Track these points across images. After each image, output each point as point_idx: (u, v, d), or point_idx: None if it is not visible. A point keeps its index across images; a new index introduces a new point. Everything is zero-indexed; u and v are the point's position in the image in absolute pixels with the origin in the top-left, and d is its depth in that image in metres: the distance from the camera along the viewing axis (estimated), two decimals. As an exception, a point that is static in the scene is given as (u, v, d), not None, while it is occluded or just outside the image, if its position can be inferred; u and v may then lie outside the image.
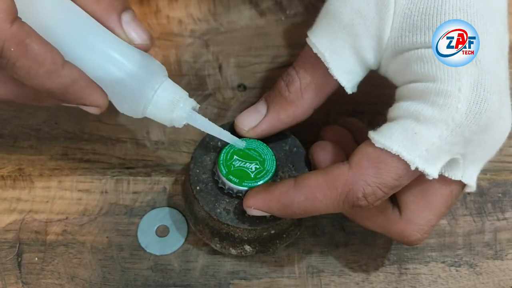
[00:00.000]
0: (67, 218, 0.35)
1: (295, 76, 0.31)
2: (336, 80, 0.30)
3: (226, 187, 0.31)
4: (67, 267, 0.33)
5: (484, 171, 0.37)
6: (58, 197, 0.35)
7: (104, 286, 0.33)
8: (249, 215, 0.30)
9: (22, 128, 0.37)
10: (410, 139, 0.26)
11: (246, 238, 0.31)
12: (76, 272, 0.33)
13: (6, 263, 0.33)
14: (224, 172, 0.30)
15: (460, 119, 0.25)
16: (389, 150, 0.26)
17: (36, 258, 0.33)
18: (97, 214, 0.35)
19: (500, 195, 0.37)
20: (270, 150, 0.32)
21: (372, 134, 0.27)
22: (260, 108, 0.32)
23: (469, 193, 0.36)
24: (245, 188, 0.30)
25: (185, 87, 0.30)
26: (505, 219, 0.36)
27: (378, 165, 0.26)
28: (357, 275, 0.34)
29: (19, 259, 0.33)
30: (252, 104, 0.32)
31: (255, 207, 0.29)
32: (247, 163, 0.31)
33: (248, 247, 0.32)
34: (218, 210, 0.31)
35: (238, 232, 0.31)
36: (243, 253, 0.32)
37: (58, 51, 0.26)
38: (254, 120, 0.31)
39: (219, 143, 0.32)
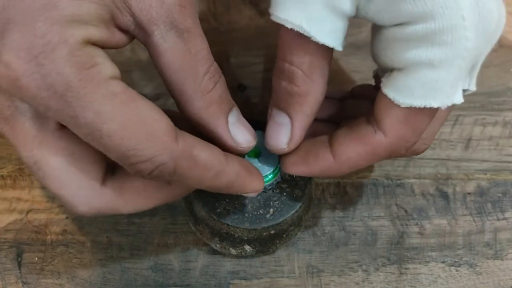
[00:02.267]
0: (67, 218, 0.35)
1: (291, 68, 0.28)
2: (325, 44, 0.27)
3: None
4: (67, 267, 0.33)
5: (484, 171, 0.37)
6: (58, 197, 0.35)
7: (104, 286, 0.33)
8: (249, 215, 0.30)
9: (22, 128, 0.37)
10: (434, 88, 0.25)
11: (246, 238, 0.31)
12: (76, 272, 0.33)
13: (6, 263, 0.33)
14: None
15: (472, 45, 0.24)
16: (417, 106, 0.25)
17: (36, 258, 0.33)
18: (97, 214, 0.35)
19: (500, 195, 0.37)
20: None
21: (391, 94, 0.26)
22: (280, 120, 0.29)
23: (469, 193, 0.37)
24: (267, 184, 0.30)
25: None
26: (505, 219, 0.36)
27: (410, 123, 0.26)
28: (357, 275, 0.34)
29: (19, 259, 0.33)
30: (252, 104, 0.32)
31: (297, 173, 0.29)
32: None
33: (248, 247, 0.32)
34: (218, 210, 0.31)
35: (238, 232, 0.31)
36: (243, 253, 0.32)
37: (219, 150, 0.26)
38: (284, 134, 0.29)
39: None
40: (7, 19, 0.21)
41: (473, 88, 0.28)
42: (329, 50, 0.28)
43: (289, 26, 0.26)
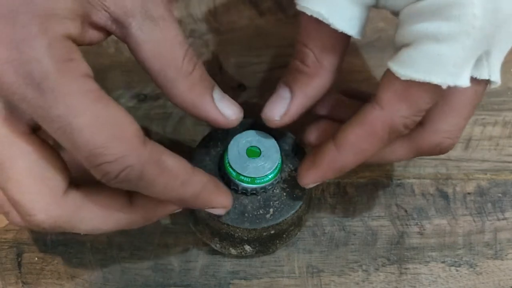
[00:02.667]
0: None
1: (305, 49, 0.29)
2: (343, 32, 0.28)
3: (240, 187, 0.31)
4: (67, 267, 0.33)
5: (484, 171, 0.37)
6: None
7: (104, 286, 0.33)
8: (249, 215, 0.30)
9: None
10: (436, 62, 0.25)
11: (246, 238, 0.31)
12: (76, 272, 0.33)
13: (6, 263, 0.33)
14: (234, 174, 0.30)
15: (479, 24, 0.24)
16: (417, 80, 0.25)
17: (36, 258, 0.33)
18: (97, 214, 0.35)
19: (500, 195, 0.37)
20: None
21: (394, 67, 0.26)
22: (283, 93, 0.30)
23: (469, 193, 0.37)
24: (259, 186, 0.30)
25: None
26: (505, 219, 0.36)
27: (408, 98, 0.26)
28: (357, 275, 0.34)
29: (19, 259, 0.33)
30: (252, 104, 0.32)
31: (312, 183, 0.30)
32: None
33: (248, 247, 0.32)
34: (218, 210, 0.31)
35: (238, 232, 0.31)
36: (243, 253, 0.32)
37: (185, 160, 0.26)
38: (282, 107, 0.30)
39: (219, 143, 0.32)
40: None
41: (495, 79, 0.28)
42: (345, 39, 0.29)
43: (308, 13, 0.28)
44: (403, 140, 0.29)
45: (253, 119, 0.33)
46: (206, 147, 0.32)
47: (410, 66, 0.25)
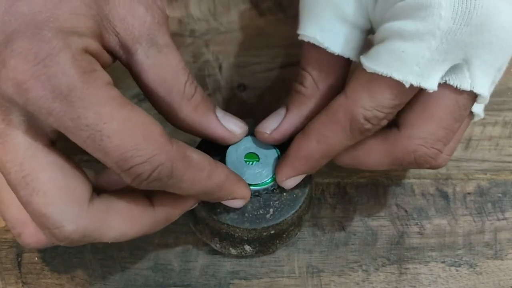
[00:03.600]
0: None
1: (304, 72, 0.31)
2: (340, 55, 0.29)
3: None
4: (67, 266, 0.33)
5: (484, 171, 0.37)
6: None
7: (104, 285, 0.33)
8: (249, 215, 0.30)
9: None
10: (398, 58, 0.25)
11: (246, 238, 0.31)
12: (76, 271, 0.33)
13: (6, 263, 0.33)
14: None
15: (447, 25, 0.24)
16: (379, 73, 0.26)
17: (36, 258, 0.33)
18: (97, 214, 0.35)
19: (500, 195, 0.37)
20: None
21: (362, 60, 0.27)
22: (279, 111, 0.31)
23: (469, 193, 0.37)
24: (261, 188, 0.31)
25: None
26: (505, 219, 0.36)
27: (370, 89, 0.26)
28: (357, 275, 0.34)
29: (19, 259, 0.33)
30: (253, 104, 0.32)
31: (286, 177, 0.30)
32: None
33: (248, 247, 0.32)
34: (218, 210, 0.31)
35: (238, 232, 0.31)
36: (243, 253, 0.32)
37: (206, 154, 0.27)
38: (275, 122, 0.31)
39: (217, 145, 0.32)
40: (11, 30, 0.22)
41: (480, 91, 0.27)
42: (344, 61, 0.30)
43: (305, 39, 0.30)
44: (378, 141, 0.29)
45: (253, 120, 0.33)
46: (206, 148, 0.32)
47: (375, 60, 0.26)
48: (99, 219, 0.25)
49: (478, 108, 0.29)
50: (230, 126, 0.30)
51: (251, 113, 0.32)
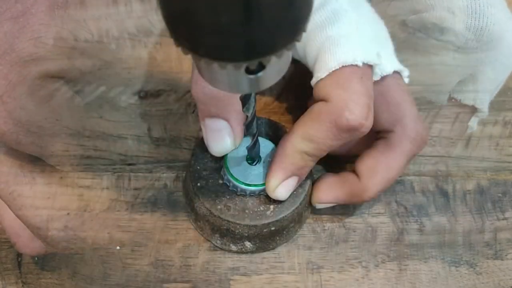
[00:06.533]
0: (68, 214, 0.35)
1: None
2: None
3: (239, 189, 0.31)
4: (68, 263, 0.33)
5: (484, 170, 0.37)
6: (59, 193, 0.35)
7: (105, 282, 0.33)
8: (249, 212, 0.30)
9: (24, 125, 0.38)
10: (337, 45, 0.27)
11: (246, 235, 0.31)
12: (77, 268, 0.33)
13: (6, 263, 0.33)
14: (234, 180, 0.31)
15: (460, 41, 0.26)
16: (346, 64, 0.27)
17: (36, 258, 0.33)
18: (98, 210, 0.35)
19: (500, 194, 0.37)
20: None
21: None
22: (217, 125, 0.30)
23: (469, 191, 0.37)
24: (259, 188, 0.31)
25: (187, 85, 0.30)
26: (505, 219, 0.36)
27: (342, 84, 0.27)
28: (357, 271, 0.34)
29: (19, 259, 0.33)
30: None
31: (277, 179, 0.30)
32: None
33: (249, 243, 0.32)
34: (219, 207, 0.31)
35: (238, 229, 0.31)
36: (243, 249, 0.32)
37: None
38: (227, 136, 0.30)
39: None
40: None
41: (480, 106, 0.28)
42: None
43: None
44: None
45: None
46: (205, 149, 0.33)
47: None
48: None
49: (473, 121, 0.30)
50: None
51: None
